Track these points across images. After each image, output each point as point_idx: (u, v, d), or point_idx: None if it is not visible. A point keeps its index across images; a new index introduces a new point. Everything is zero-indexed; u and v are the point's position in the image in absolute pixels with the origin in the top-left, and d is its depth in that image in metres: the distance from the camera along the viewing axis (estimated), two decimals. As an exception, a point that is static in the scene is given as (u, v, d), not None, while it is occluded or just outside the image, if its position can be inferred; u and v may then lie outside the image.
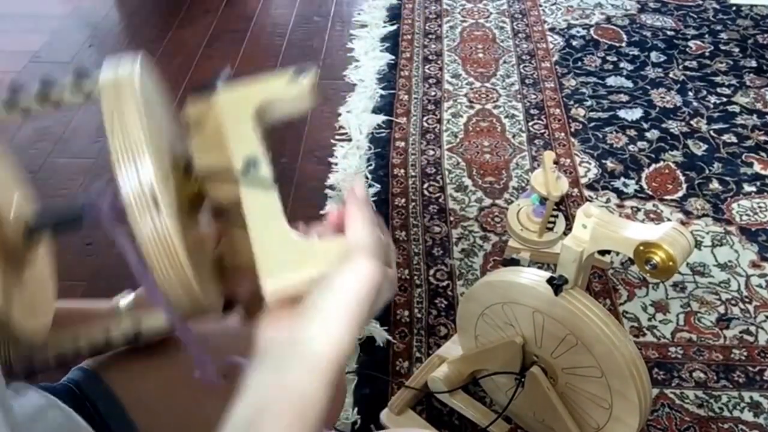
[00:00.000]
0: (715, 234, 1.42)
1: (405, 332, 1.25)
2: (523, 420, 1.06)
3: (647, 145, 1.66)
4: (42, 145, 1.71)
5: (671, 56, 1.97)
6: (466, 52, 2.02)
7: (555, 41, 2.05)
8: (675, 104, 1.79)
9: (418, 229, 1.45)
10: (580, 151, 1.64)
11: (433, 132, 1.72)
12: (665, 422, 1.10)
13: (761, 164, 1.60)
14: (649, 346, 1.21)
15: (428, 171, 1.60)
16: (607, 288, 1.31)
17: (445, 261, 1.38)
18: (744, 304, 1.28)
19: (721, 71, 1.90)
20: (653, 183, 1.55)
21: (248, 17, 2.26)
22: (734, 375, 1.17)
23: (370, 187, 1.56)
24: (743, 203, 1.49)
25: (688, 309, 1.27)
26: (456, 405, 1.09)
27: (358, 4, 2.29)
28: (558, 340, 0.88)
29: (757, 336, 1.23)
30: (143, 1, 2.37)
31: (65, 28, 2.22)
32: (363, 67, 1.97)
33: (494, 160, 1.63)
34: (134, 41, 2.17)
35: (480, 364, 1.03)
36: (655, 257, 0.73)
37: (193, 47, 2.10)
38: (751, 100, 1.80)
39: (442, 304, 1.29)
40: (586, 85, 1.86)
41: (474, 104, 1.81)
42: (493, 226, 1.45)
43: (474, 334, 1.01)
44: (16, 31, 2.21)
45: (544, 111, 1.77)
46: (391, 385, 1.16)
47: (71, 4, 2.36)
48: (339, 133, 1.74)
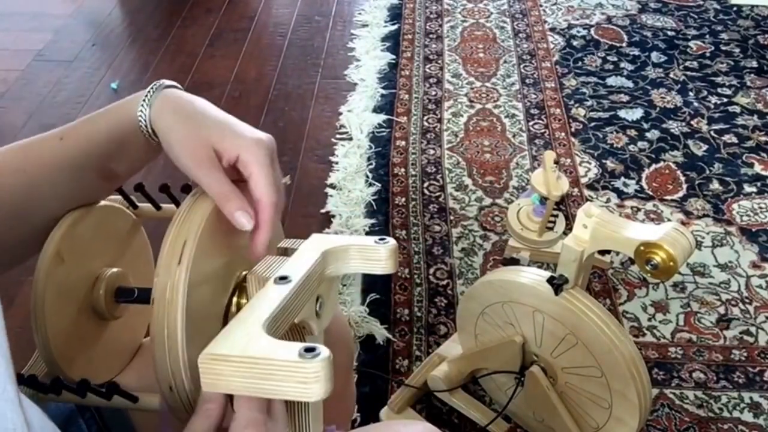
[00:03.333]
0: (715, 234, 1.43)
1: (405, 331, 1.25)
2: (523, 419, 1.06)
3: (648, 145, 1.66)
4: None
5: (672, 56, 1.97)
6: (466, 51, 2.03)
7: (555, 41, 2.05)
8: (675, 104, 1.79)
9: (418, 228, 1.45)
10: (580, 151, 1.64)
11: (433, 131, 1.72)
12: (665, 422, 1.10)
13: (762, 165, 1.60)
14: (649, 346, 1.21)
15: (428, 170, 1.60)
16: (607, 288, 1.31)
17: (445, 260, 1.38)
18: (744, 305, 1.28)
19: (721, 72, 1.90)
20: (653, 183, 1.55)
21: (250, 17, 2.26)
22: (734, 375, 1.17)
23: (370, 186, 1.56)
24: (744, 204, 1.49)
25: (688, 309, 1.28)
26: (456, 404, 1.09)
27: (359, 3, 2.29)
28: (558, 340, 0.89)
29: (757, 337, 1.23)
30: (146, 1, 2.37)
31: (68, 27, 2.23)
32: (364, 66, 1.97)
33: (494, 159, 1.63)
34: (137, 40, 2.17)
35: (480, 363, 1.03)
36: (655, 257, 0.73)
37: (195, 46, 2.11)
38: (752, 100, 1.80)
39: (442, 303, 1.29)
40: (587, 85, 1.86)
41: (474, 104, 1.81)
42: (493, 225, 1.45)
43: (474, 333, 1.01)
44: (19, 29, 2.22)
45: (545, 111, 1.78)
46: (391, 383, 1.16)
47: (75, 3, 2.36)
48: (340, 132, 1.74)
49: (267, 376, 0.40)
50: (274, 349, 0.40)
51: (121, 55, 2.09)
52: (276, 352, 0.40)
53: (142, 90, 0.55)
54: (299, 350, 0.39)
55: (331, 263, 0.53)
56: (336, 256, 0.53)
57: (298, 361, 0.39)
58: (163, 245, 0.50)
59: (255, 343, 0.41)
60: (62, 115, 1.81)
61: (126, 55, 2.09)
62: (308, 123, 1.78)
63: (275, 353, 0.40)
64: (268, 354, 0.40)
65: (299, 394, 0.39)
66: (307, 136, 1.74)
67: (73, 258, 0.57)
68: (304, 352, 0.39)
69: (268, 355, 0.40)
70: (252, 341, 0.41)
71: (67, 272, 0.57)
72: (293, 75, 1.97)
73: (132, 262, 0.65)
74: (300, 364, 0.39)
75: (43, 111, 1.84)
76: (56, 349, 0.56)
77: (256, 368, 0.40)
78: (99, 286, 0.59)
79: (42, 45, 2.12)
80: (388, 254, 0.52)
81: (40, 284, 0.55)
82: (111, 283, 0.60)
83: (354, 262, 0.53)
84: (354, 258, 0.53)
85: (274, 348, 0.40)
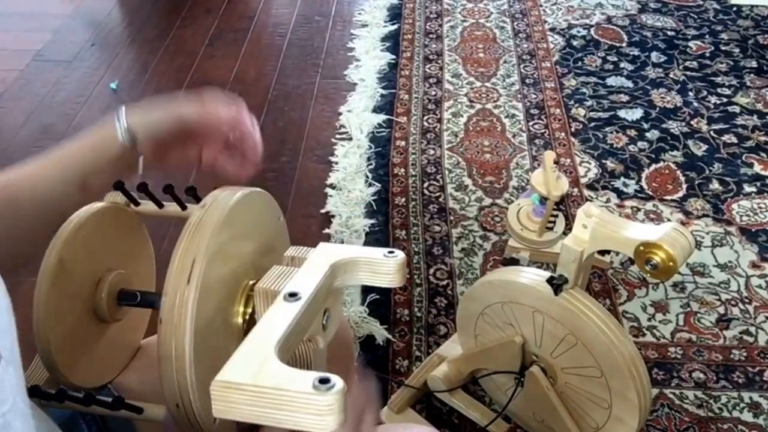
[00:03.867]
0: (715, 234, 1.42)
1: (405, 331, 1.25)
2: (523, 419, 1.06)
3: (647, 146, 1.66)
4: (45, 143, 1.71)
5: (672, 56, 1.97)
6: (466, 51, 2.02)
7: (555, 41, 2.05)
8: (675, 104, 1.79)
9: (418, 228, 1.45)
10: (580, 151, 1.64)
11: (433, 131, 1.72)
12: (665, 422, 1.10)
13: (761, 165, 1.60)
14: (649, 346, 1.21)
15: (428, 170, 1.60)
16: (607, 288, 1.31)
17: (445, 260, 1.38)
18: (744, 305, 1.28)
19: (721, 72, 1.90)
20: (653, 183, 1.55)
21: (249, 17, 2.26)
22: (734, 375, 1.17)
23: (370, 186, 1.56)
24: (743, 204, 1.49)
25: (688, 309, 1.28)
26: (455, 404, 1.09)
27: (359, 3, 2.29)
28: (558, 340, 0.88)
29: (757, 336, 1.23)
30: (145, 1, 2.37)
31: (68, 27, 2.23)
32: (364, 66, 1.97)
33: (494, 159, 1.63)
34: (136, 40, 2.17)
35: (479, 364, 1.03)
36: (655, 257, 0.73)
37: (195, 46, 2.10)
38: (752, 100, 1.80)
39: (441, 303, 1.29)
40: (587, 85, 1.86)
41: (474, 104, 1.81)
42: (493, 225, 1.45)
43: (474, 334, 1.01)
44: (18, 29, 2.22)
45: (545, 111, 1.78)
46: (391, 383, 1.16)
47: (73, 3, 2.36)
48: (340, 132, 1.74)
49: (280, 405, 0.39)
50: (287, 380, 0.39)
51: (121, 55, 2.09)
52: (289, 383, 0.39)
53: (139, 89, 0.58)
54: (313, 381, 0.38)
55: (339, 276, 0.53)
56: (344, 269, 0.53)
57: (312, 393, 0.38)
58: (172, 261, 0.50)
59: (267, 371, 0.40)
60: (61, 115, 1.81)
61: (125, 55, 2.09)
62: (308, 123, 1.78)
63: (288, 384, 0.39)
64: (281, 384, 0.39)
65: (313, 425, 0.39)
66: (307, 136, 1.74)
67: (75, 263, 0.57)
68: (319, 384, 0.38)
69: (281, 386, 0.39)
70: (264, 368, 0.40)
71: (69, 278, 0.57)
72: (293, 75, 1.97)
73: (133, 260, 0.65)
74: (314, 397, 0.38)
75: (42, 111, 1.84)
76: (58, 355, 0.56)
77: (268, 397, 0.39)
78: (101, 290, 0.60)
79: (41, 45, 2.12)
80: (396, 268, 0.52)
81: (42, 293, 0.55)
82: (113, 286, 0.60)
83: (362, 274, 0.53)
84: (362, 271, 0.53)
85: (287, 378, 0.40)
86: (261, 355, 0.42)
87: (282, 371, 0.40)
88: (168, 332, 0.48)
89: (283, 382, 0.39)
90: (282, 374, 0.40)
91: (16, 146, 1.69)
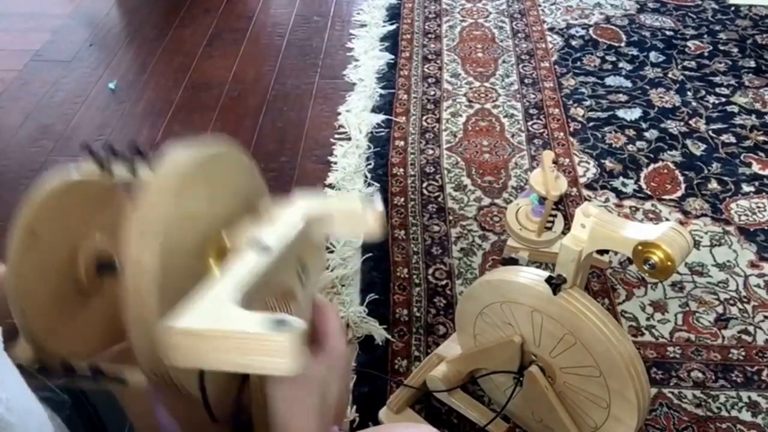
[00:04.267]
0: (713, 234, 1.43)
1: (404, 331, 1.25)
2: (522, 419, 1.06)
3: (646, 145, 1.66)
4: (43, 143, 1.71)
5: (670, 56, 1.97)
6: (465, 51, 2.03)
7: (554, 41, 2.05)
8: (674, 104, 1.79)
9: (417, 228, 1.45)
10: (579, 151, 1.64)
11: (432, 131, 1.72)
12: (663, 422, 1.10)
13: (760, 164, 1.60)
14: (648, 345, 1.21)
15: (427, 170, 1.60)
16: (606, 287, 1.32)
17: (444, 260, 1.38)
18: (742, 304, 1.29)
19: (719, 71, 1.91)
20: (652, 183, 1.55)
21: (248, 17, 2.26)
22: (732, 375, 1.17)
23: (369, 186, 1.56)
24: (742, 203, 1.50)
25: (687, 309, 1.28)
26: (454, 404, 1.09)
27: (358, 3, 2.29)
28: (556, 340, 0.89)
29: (755, 336, 1.23)
30: (144, 1, 2.37)
31: (66, 27, 2.23)
32: (362, 66, 1.97)
33: (493, 159, 1.63)
34: (135, 40, 2.17)
35: (478, 363, 1.03)
36: (653, 257, 0.73)
37: (193, 46, 2.10)
38: (750, 100, 1.80)
39: (440, 303, 1.29)
40: (585, 84, 1.86)
41: (473, 104, 1.81)
42: (492, 225, 1.45)
43: (473, 333, 1.01)
44: (17, 29, 2.22)
45: (543, 110, 1.78)
46: (390, 383, 1.16)
47: (72, 3, 2.36)
48: (338, 132, 1.74)
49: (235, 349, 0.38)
50: (243, 322, 0.38)
51: (119, 55, 2.09)
52: (244, 325, 0.38)
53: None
54: (270, 322, 0.37)
55: (314, 227, 0.51)
56: (320, 221, 0.51)
57: (269, 333, 0.37)
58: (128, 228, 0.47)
59: (225, 315, 0.39)
60: (60, 116, 1.81)
61: (124, 55, 2.09)
62: (307, 123, 1.78)
63: (243, 325, 0.38)
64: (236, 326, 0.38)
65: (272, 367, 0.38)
66: (306, 136, 1.74)
67: (49, 232, 0.55)
68: (276, 324, 0.37)
69: (235, 328, 0.38)
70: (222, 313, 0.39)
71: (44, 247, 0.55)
72: (292, 75, 1.97)
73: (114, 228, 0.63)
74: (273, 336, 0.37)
75: (40, 111, 1.84)
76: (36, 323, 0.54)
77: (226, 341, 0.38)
78: (79, 260, 0.58)
79: (40, 45, 2.12)
80: (374, 220, 0.51)
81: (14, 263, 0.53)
82: (91, 255, 0.58)
83: (339, 227, 0.52)
84: (339, 223, 0.51)
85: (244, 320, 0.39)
86: (218, 301, 0.41)
87: (239, 315, 0.39)
88: (134, 301, 0.46)
89: (238, 325, 0.38)
90: (239, 317, 0.39)
91: (14, 146, 1.69)
